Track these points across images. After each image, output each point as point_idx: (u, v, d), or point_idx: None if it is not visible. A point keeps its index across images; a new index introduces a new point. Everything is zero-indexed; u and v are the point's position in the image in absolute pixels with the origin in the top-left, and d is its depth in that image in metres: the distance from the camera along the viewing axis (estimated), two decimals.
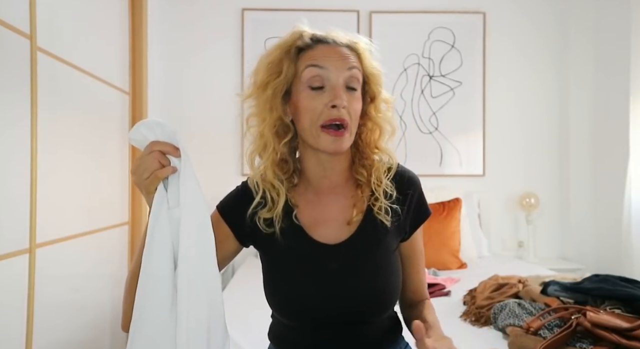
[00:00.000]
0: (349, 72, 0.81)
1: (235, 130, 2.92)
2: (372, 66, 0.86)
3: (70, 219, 1.70)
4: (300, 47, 0.83)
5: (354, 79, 0.82)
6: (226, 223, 0.89)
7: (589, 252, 2.85)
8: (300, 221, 0.87)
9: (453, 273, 2.33)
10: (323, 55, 0.81)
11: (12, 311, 1.35)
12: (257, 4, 2.92)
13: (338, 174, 0.90)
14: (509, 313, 1.42)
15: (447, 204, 2.59)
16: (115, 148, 2.06)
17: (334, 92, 0.80)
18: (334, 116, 0.79)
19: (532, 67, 3.02)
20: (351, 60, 0.82)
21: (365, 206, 0.87)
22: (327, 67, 0.80)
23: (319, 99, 0.80)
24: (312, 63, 0.81)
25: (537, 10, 3.01)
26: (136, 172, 0.74)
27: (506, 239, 3.02)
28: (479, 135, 2.99)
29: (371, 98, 0.88)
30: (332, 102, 0.79)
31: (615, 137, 2.62)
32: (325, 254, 0.84)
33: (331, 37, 0.84)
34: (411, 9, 2.96)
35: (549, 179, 3.03)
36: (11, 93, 1.35)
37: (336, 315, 0.84)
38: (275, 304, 0.88)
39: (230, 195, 0.93)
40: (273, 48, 0.84)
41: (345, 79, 0.81)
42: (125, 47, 2.19)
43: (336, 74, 0.80)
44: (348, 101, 0.81)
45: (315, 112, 0.80)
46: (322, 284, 0.83)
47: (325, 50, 0.82)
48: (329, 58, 0.81)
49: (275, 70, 0.83)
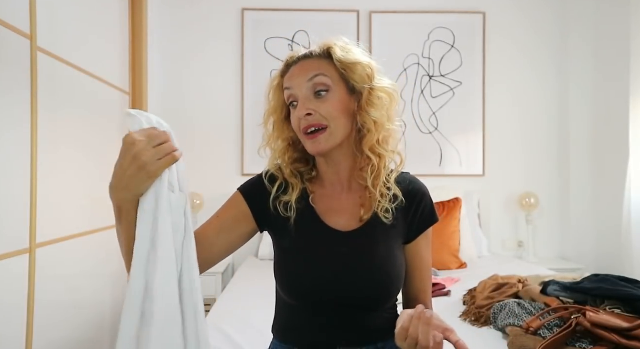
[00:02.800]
0: (310, 82, 0.89)
1: (236, 130, 2.92)
2: (345, 62, 0.90)
3: (71, 219, 1.70)
4: (282, 75, 0.95)
5: (319, 85, 0.89)
6: (248, 205, 0.95)
7: (588, 252, 2.85)
8: (315, 208, 0.95)
9: (453, 272, 2.34)
10: (290, 77, 0.92)
11: (12, 310, 1.35)
12: (257, 4, 2.92)
13: (346, 173, 0.96)
14: (509, 312, 1.42)
15: (447, 204, 2.59)
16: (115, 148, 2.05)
17: (299, 106, 0.90)
18: (304, 125, 0.89)
19: (531, 67, 3.02)
20: (314, 70, 0.90)
21: (374, 206, 0.93)
22: (293, 86, 0.91)
23: (295, 114, 0.91)
24: (285, 86, 0.93)
25: (536, 10, 3.02)
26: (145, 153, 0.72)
27: (506, 239, 3.02)
28: (478, 135, 2.99)
29: (360, 91, 0.91)
30: (298, 116, 0.90)
31: (615, 137, 2.62)
32: (336, 239, 0.92)
33: (303, 54, 0.93)
34: (411, 9, 2.97)
35: (548, 179, 3.03)
36: (11, 93, 1.35)
37: (342, 298, 0.89)
38: (285, 282, 0.92)
39: (253, 181, 1.00)
40: (270, 80, 0.98)
41: (309, 90, 0.90)
42: (125, 47, 2.19)
43: (300, 90, 0.90)
44: (317, 106, 0.89)
45: (296, 125, 0.91)
46: (331, 266, 0.89)
47: (293, 71, 0.92)
48: (293, 77, 0.91)
49: (269, 99, 0.97)
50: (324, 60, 0.91)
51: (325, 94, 0.89)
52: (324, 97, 0.89)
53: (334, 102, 0.89)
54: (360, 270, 0.89)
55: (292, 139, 0.97)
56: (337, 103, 0.90)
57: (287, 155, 0.97)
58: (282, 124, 0.97)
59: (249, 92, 2.90)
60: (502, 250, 3.00)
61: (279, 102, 0.96)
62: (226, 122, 2.93)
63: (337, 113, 0.89)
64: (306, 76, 0.90)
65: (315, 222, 0.94)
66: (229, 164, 2.93)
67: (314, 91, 0.89)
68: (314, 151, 0.91)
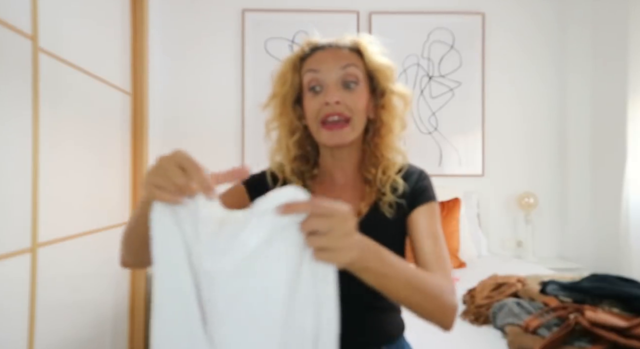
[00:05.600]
0: (343, 70, 0.88)
1: (236, 131, 2.93)
2: (376, 62, 0.92)
3: (72, 219, 1.71)
4: (302, 57, 0.93)
5: (350, 75, 0.89)
6: (249, 196, 0.96)
7: (587, 252, 2.86)
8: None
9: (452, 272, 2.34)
10: (317, 60, 0.90)
11: (14, 310, 1.35)
12: (257, 4, 2.93)
13: (351, 168, 0.97)
14: (508, 312, 1.43)
15: (447, 204, 2.60)
16: (116, 148, 2.07)
17: (326, 91, 0.88)
18: (328, 111, 0.87)
19: (531, 68, 3.03)
20: (346, 59, 0.89)
21: (373, 200, 0.92)
22: (321, 69, 0.88)
23: (317, 99, 0.89)
24: (309, 68, 0.90)
25: (536, 10, 3.03)
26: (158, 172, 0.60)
27: (505, 239, 3.03)
28: (478, 135, 3.00)
29: (380, 93, 0.94)
30: (325, 100, 0.87)
31: (614, 137, 2.63)
32: None
33: (329, 43, 0.92)
34: (411, 9, 2.97)
35: (548, 179, 3.04)
36: (13, 94, 1.35)
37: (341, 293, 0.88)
38: None
39: (256, 175, 1.00)
40: (283, 62, 0.95)
41: (339, 77, 0.88)
42: (126, 48, 2.20)
43: (329, 75, 0.88)
44: (344, 97, 0.87)
45: (314, 111, 0.89)
46: None
47: (320, 55, 0.90)
48: (323, 61, 0.89)
49: (282, 80, 0.94)
50: (354, 54, 0.91)
51: (354, 86, 0.89)
52: (352, 89, 0.89)
53: (360, 96, 0.90)
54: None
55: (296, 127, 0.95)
56: (362, 98, 0.91)
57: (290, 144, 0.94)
58: (289, 108, 0.94)
59: (250, 92, 2.91)
60: (501, 250, 3.01)
61: (293, 85, 0.93)
62: (227, 123, 2.93)
63: (361, 107, 0.90)
64: (339, 63, 0.88)
65: None
66: (229, 164, 2.93)
67: (343, 80, 0.89)
68: (330, 142, 0.89)
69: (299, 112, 0.95)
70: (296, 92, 0.93)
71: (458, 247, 2.52)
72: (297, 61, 0.93)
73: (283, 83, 0.93)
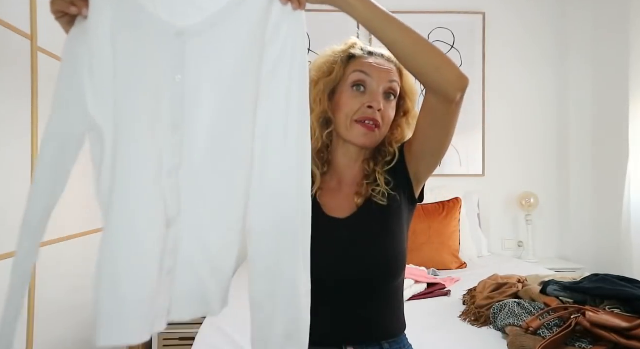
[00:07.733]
0: (389, 83, 0.96)
1: None
2: (411, 84, 1.01)
3: (71, 219, 1.70)
4: (353, 54, 0.98)
5: (392, 89, 0.97)
6: None
7: (588, 252, 2.86)
8: (320, 201, 0.99)
9: (453, 272, 2.34)
10: (370, 65, 0.96)
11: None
12: None
13: (359, 167, 1.02)
14: (509, 312, 1.42)
15: (447, 204, 2.59)
16: None
17: (373, 96, 0.94)
18: (368, 114, 0.93)
19: (531, 67, 3.03)
20: (393, 74, 0.97)
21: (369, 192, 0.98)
22: (372, 75, 0.95)
23: (359, 99, 0.94)
24: (360, 69, 0.96)
25: (536, 10, 3.02)
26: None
27: (506, 239, 3.03)
28: (478, 135, 2.99)
29: (404, 112, 1.02)
30: (370, 103, 0.93)
31: (615, 137, 2.62)
32: (336, 226, 0.96)
33: (381, 53, 0.99)
34: (411, 9, 2.97)
35: (548, 179, 3.03)
36: (12, 93, 1.35)
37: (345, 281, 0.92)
38: None
39: None
40: (328, 51, 1.01)
41: (385, 88, 0.95)
42: None
43: (378, 83, 0.95)
44: (385, 106, 0.95)
45: (353, 108, 0.94)
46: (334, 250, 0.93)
47: (375, 61, 0.97)
48: (375, 68, 0.95)
49: (327, 70, 0.98)
50: (398, 72, 0.99)
51: (393, 99, 0.98)
52: (390, 101, 0.97)
53: (393, 110, 0.99)
54: (364, 247, 0.93)
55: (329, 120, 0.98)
56: (393, 111, 0.99)
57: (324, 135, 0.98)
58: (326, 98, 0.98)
59: None
60: (502, 250, 3.00)
61: (337, 77, 0.97)
62: None
63: (389, 120, 0.97)
64: (389, 75, 0.96)
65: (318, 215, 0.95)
66: None
67: (386, 92, 0.96)
68: (361, 140, 0.95)
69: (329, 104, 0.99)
70: (334, 85, 0.98)
71: (458, 247, 2.52)
72: (347, 57, 0.98)
73: (329, 72, 0.97)
